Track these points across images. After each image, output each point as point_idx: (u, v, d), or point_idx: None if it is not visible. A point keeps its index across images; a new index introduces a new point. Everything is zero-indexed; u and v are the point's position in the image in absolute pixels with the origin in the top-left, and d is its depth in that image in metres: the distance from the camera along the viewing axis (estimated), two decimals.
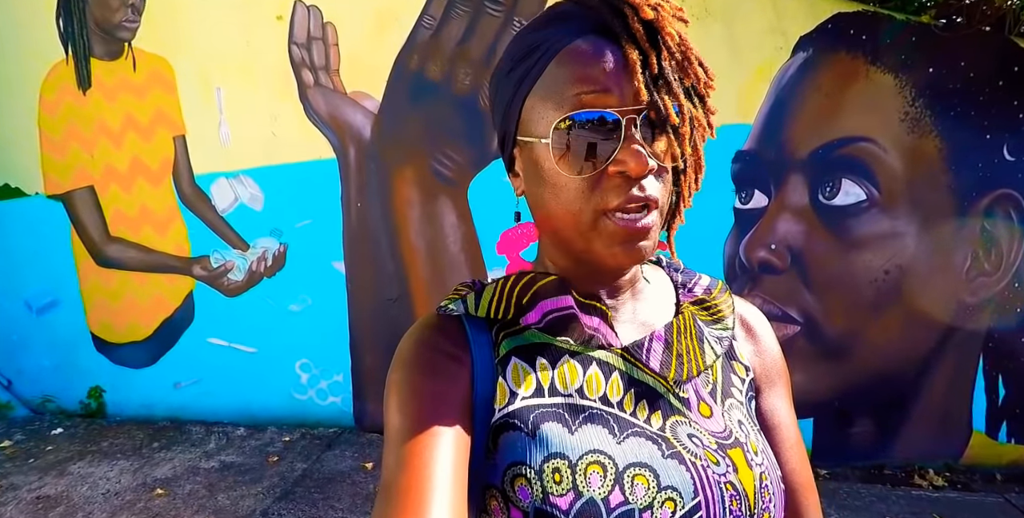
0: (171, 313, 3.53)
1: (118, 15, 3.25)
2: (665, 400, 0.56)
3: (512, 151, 0.56)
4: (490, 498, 0.52)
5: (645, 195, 0.48)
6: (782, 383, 0.66)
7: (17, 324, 3.91)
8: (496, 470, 0.52)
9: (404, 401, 0.52)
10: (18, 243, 3.79)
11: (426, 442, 0.48)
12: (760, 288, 2.86)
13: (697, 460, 0.52)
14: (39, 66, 3.51)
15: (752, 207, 2.83)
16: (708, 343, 0.60)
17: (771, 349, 0.67)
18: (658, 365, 0.57)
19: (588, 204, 0.49)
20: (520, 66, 0.51)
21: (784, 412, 0.64)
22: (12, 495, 2.78)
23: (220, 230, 3.35)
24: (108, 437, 3.39)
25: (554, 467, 0.50)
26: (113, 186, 3.48)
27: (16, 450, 3.28)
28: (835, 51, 2.59)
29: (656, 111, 0.47)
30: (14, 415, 3.85)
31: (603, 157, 0.48)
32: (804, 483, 0.61)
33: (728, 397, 0.59)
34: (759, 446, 0.57)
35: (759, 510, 0.53)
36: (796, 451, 0.62)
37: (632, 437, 0.53)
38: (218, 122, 3.20)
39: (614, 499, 0.49)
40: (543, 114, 0.50)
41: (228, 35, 3.10)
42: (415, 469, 0.47)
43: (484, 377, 0.55)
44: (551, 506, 0.48)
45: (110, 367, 3.71)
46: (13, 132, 3.66)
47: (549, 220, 0.54)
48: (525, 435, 0.52)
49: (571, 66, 0.48)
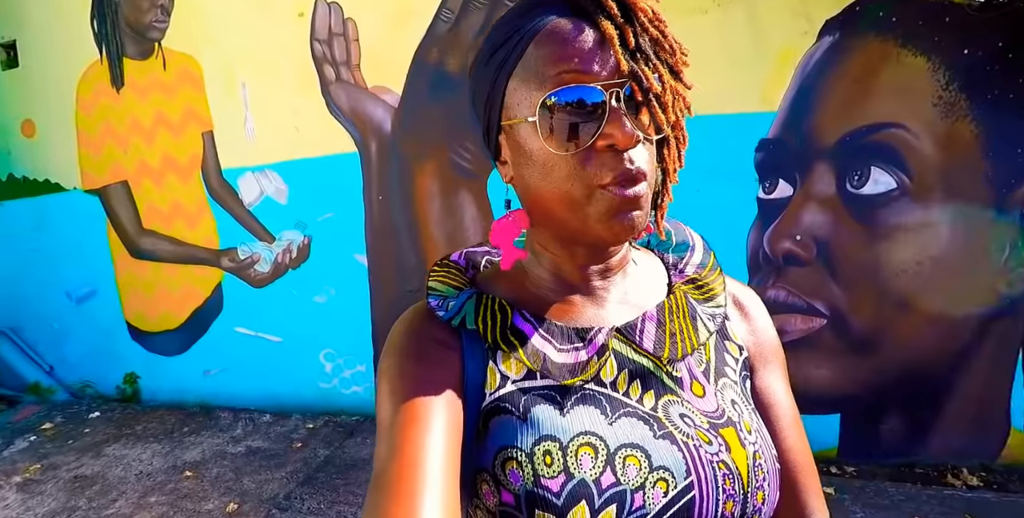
0: (201, 303, 3.65)
1: (148, 16, 3.37)
2: (658, 380, 0.56)
3: (497, 138, 0.56)
4: (481, 482, 0.52)
5: (634, 167, 0.48)
6: (777, 362, 0.65)
7: (58, 313, 4.11)
8: (487, 454, 0.52)
9: (395, 389, 0.52)
10: (58, 236, 3.99)
11: (417, 430, 0.48)
12: (784, 280, 2.79)
13: (689, 440, 0.52)
14: (76, 66, 3.68)
15: (776, 197, 2.75)
16: (701, 321, 0.60)
17: (765, 328, 0.66)
18: (651, 345, 0.57)
19: (579, 181, 0.49)
20: (499, 53, 0.52)
21: (780, 391, 0.63)
22: (52, 474, 2.92)
23: (247, 223, 3.44)
24: (142, 421, 3.53)
25: (545, 449, 0.50)
26: (146, 181, 3.62)
27: (56, 432, 3.46)
28: (864, 35, 2.50)
29: (637, 82, 0.48)
30: (55, 399, 4.06)
31: (590, 132, 0.48)
32: (801, 461, 0.61)
33: (721, 376, 0.59)
34: (753, 425, 0.57)
35: (752, 489, 0.53)
36: (793, 429, 0.62)
37: (624, 417, 0.53)
38: (244, 118, 3.28)
39: (606, 480, 0.49)
40: (527, 95, 0.50)
41: (252, 33, 3.17)
42: (407, 457, 0.47)
43: (475, 362, 0.55)
44: (542, 488, 0.48)
45: (144, 354, 3.86)
46: (52, 130, 3.85)
47: (540, 202, 0.54)
48: (516, 418, 0.52)
49: (550, 45, 0.48)
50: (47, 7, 3.69)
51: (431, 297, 0.60)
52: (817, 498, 0.61)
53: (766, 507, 0.54)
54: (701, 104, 2.48)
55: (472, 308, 0.58)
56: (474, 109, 0.58)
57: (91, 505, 2.60)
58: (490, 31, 0.55)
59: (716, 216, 2.59)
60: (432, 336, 0.56)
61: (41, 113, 3.88)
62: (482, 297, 0.59)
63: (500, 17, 0.54)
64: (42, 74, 3.81)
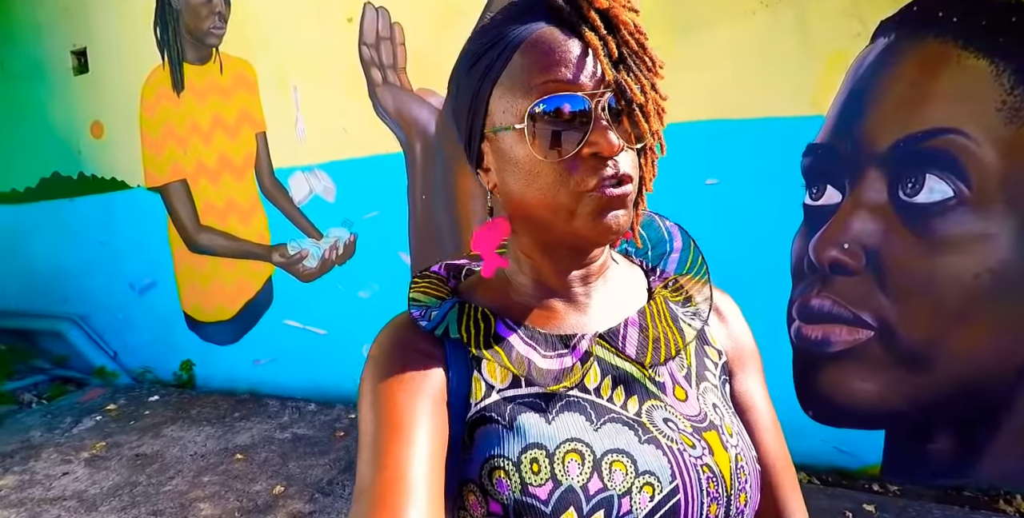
0: (253, 296, 3.79)
1: (207, 23, 3.50)
2: (641, 385, 0.56)
3: (480, 146, 0.56)
4: (468, 493, 0.51)
5: (619, 171, 0.49)
6: (754, 365, 0.66)
7: (122, 303, 4.35)
8: (473, 464, 0.51)
9: (377, 401, 0.52)
10: (123, 231, 4.21)
11: (401, 442, 0.48)
12: (830, 289, 2.70)
13: (673, 444, 0.53)
14: (140, 71, 3.86)
15: (823, 203, 2.66)
16: (683, 322, 0.61)
17: (741, 332, 0.67)
18: (634, 351, 0.57)
19: (566, 187, 0.49)
20: (482, 61, 0.52)
21: (758, 394, 0.64)
22: (116, 451, 3.13)
23: (297, 220, 3.54)
24: (196, 406, 3.72)
25: (532, 457, 0.50)
26: (203, 180, 3.78)
27: (120, 413, 3.68)
28: (921, 36, 2.38)
29: (621, 91, 0.49)
30: (119, 382, 4.31)
31: (575, 140, 0.48)
32: (780, 462, 0.61)
33: (702, 381, 0.60)
34: (734, 428, 0.57)
35: (736, 491, 0.53)
36: (771, 432, 0.63)
37: (609, 423, 0.53)
38: (295, 119, 3.38)
39: (593, 486, 0.49)
40: (512, 103, 0.50)
41: (303, 38, 3.26)
42: (390, 471, 0.46)
43: (459, 373, 0.55)
44: (530, 496, 0.48)
45: (200, 343, 4.05)
46: (119, 131, 4.06)
47: (525, 208, 0.54)
48: (502, 427, 0.52)
49: (536, 54, 0.49)
50: (115, 16, 3.89)
51: (413, 308, 0.60)
52: (796, 498, 0.61)
53: (748, 509, 0.55)
54: (747, 107, 2.44)
55: (455, 317, 0.58)
56: (454, 117, 0.58)
57: (150, 481, 2.78)
58: (471, 39, 0.55)
59: (761, 222, 2.54)
60: (415, 347, 0.56)
61: (109, 115, 4.08)
62: (464, 306, 0.59)
63: (481, 25, 0.55)
64: (110, 79, 4.01)
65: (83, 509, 2.57)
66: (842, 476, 2.50)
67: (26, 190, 4.67)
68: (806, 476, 2.48)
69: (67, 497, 2.68)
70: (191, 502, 2.58)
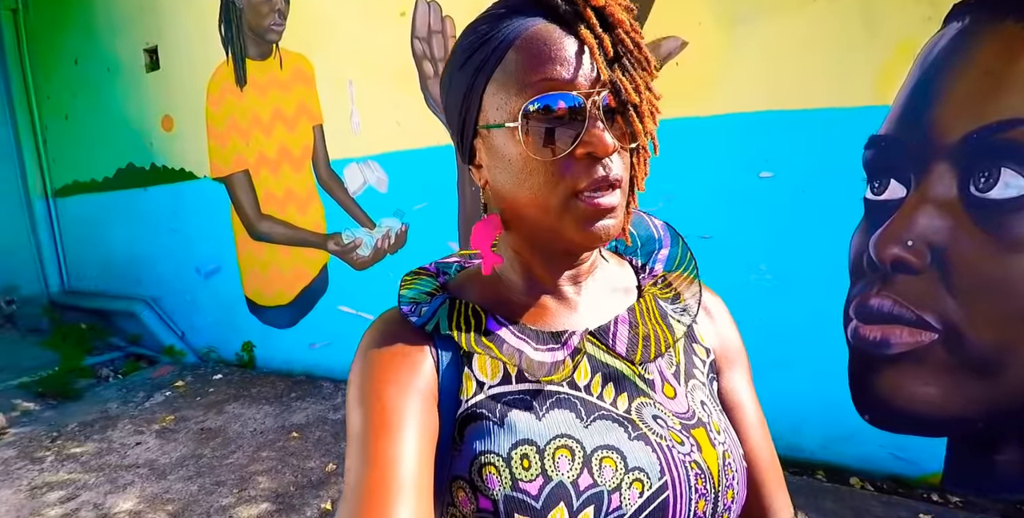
0: (309, 282, 3.91)
1: (267, 20, 3.62)
2: (631, 382, 0.57)
3: (472, 142, 0.55)
4: (457, 489, 0.51)
5: (611, 175, 0.49)
6: (741, 363, 0.66)
7: (190, 286, 4.60)
8: (463, 461, 0.51)
9: (366, 397, 0.51)
10: (190, 219, 4.43)
11: (389, 439, 0.48)
12: (891, 288, 2.57)
13: (662, 441, 0.53)
14: (206, 67, 4.03)
15: (886, 198, 2.53)
16: (672, 319, 0.61)
17: (729, 331, 0.67)
18: (624, 348, 0.57)
19: (558, 187, 0.49)
20: (475, 56, 0.51)
21: (744, 392, 0.64)
22: (183, 425, 3.34)
23: (351, 210, 3.62)
24: (256, 385, 3.91)
25: (522, 453, 0.50)
26: (264, 170, 3.93)
27: (187, 389, 3.92)
28: (999, 20, 2.22)
29: (616, 91, 0.48)
30: (186, 361, 4.56)
31: (569, 139, 0.48)
32: (766, 459, 0.61)
33: (691, 378, 0.60)
34: (721, 425, 0.58)
35: (723, 487, 0.54)
36: (758, 429, 0.63)
37: (599, 420, 0.53)
38: (350, 112, 3.46)
39: (583, 482, 0.49)
40: (506, 100, 0.49)
41: (358, 33, 3.33)
42: (378, 468, 0.46)
43: (449, 369, 0.55)
44: (521, 492, 0.48)
45: (260, 326, 4.23)
46: (187, 125, 4.26)
47: (515, 207, 0.53)
48: (492, 424, 0.52)
49: (531, 51, 0.48)
50: (184, 15, 4.07)
51: (403, 303, 0.59)
52: (782, 495, 0.62)
53: (735, 505, 0.55)
54: (805, 98, 2.35)
55: (445, 313, 0.57)
56: (446, 112, 0.57)
57: (214, 454, 2.95)
58: (465, 33, 0.53)
59: (817, 217, 2.44)
60: (404, 343, 0.55)
61: (177, 110, 4.29)
62: (455, 302, 0.59)
63: (475, 20, 0.53)
64: (179, 75, 4.21)
65: (154, 476, 2.76)
66: (899, 484, 2.40)
67: (104, 180, 4.99)
68: (859, 481, 2.39)
69: (140, 465, 2.88)
70: (250, 475, 2.73)
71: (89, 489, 2.68)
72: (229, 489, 2.61)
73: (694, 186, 2.57)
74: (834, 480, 2.40)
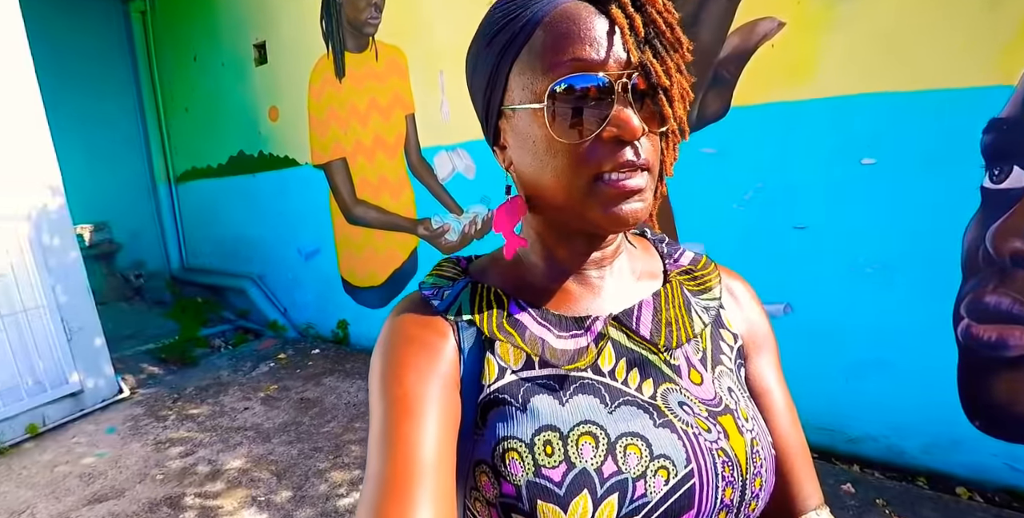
0: (400, 265, 4.08)
1: (364, 14, 3.76)
2: (656, 368, 0.55)
3: (497, 123, 0.54)
4: (480, 474, 0.50)
5: (638, 158, 0.47)
6: (769, 349, 0.64)
7: (291, 266, 4.91)
8: (486, 446, 0.50)
9: (388, 381, 0.50)
10: (293, 202, 4.72)
11: (411, 424, 0.47)
12: (1009, 285, 2.36)
13: (688, 428, 0.52)
14: (309, 60, 4.24)
15: (1008, 187, 2.31)
16: (696, 312, 0.59)
17: (757, 316, 0.65)
18: (648, 333, 0.56)
19: (582, 169, 0.47)
20: (502, 35, 0.49)
21: (772, 378, 0.62)
22: (285, 394, 3.61)
23: (440, 196, 3.73)
24: (350, 361, 4.15)
25: (545, 439, 0.49)
26: (360, 158, 4.11)
27: (288, 362, 4.22)
28: None
29: (646, 73, 0.46)
30: (287, 335, 4.89)
31: (596, 122, 0.46)
32: (795, 446, 0.60)
33: (718, 364, 0.58)
34: (749, 413, 0.56)
35: (751, 475, 0.52)
36: (787, 415, 0.61)
37: (623, 406, 0.52)
38: (440, 102, 3.55)
39: (607, 469, 0.48)
40: (532, 80, 0.48)
41: (449, 23, 3.40)
42: (401, 453, 0.46)
43: (471, 354, 0.54)
44: (544, 478, 0.48)
45: (354, 306, 4.45)
46: (290, 115, 4.52)
47: (539, 189, 0.52)
48: (515, 409, 0.51)
49: (559, 31, 0.46)
50: (289, 11, 4.30)
51: (425, 288, 0.59)
52: (812, 482, 0.60)
53: (763, 493, 0.54)
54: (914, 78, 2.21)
55: (467, 297, 0.57)
56: (471, 92, 0.56)
57: (312, 422, 3.19)
58: (491, 10, 0.52)
59: (926, 207, 2.28)
60: (426, 328, 0.54)
61: (283, 101, 4.56)
62: (477, 286, 0.58)
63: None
64: (284, 68, 4.47)
65: (260, 439, 3.03)
66: (1013, 497, 2.22)
67: (218, 166, 5.42)
68: (966, 491, 2.23)
69: (247, 428, 3.17)
70: (344, 443, 2.94)
71: (204, 446, 2.98)
72: (325, 455, 2.83)
73: (788, 174, 2.47)
74: (937, 488, 2.26)
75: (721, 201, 2.65)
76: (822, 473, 0.46)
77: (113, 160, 5.89)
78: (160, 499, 2.50)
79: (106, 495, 2.56)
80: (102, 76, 5.79)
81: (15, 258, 3.17)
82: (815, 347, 2.49)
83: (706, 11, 2.58)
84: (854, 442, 2.51)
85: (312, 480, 2.61)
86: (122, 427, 3.27)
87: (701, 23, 2.59)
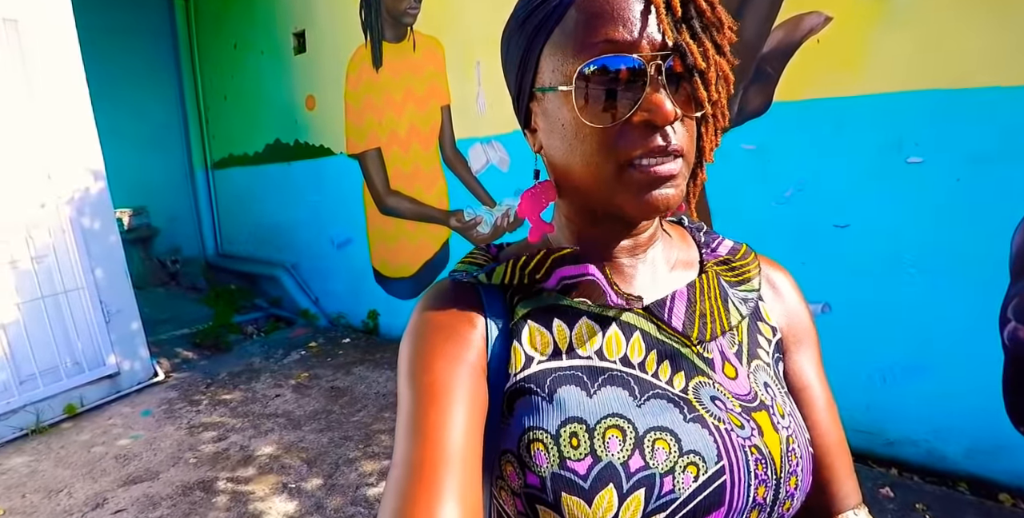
0: (431, 256, 4.09)
1: (404, 4, 3.75)
2: (688, 361, 0.54)
3: (528, 105, 0.53)
4: (506, 463, 0.50)
5: (670, 143, 0.45)
6: (810, 343, 0.62)
7: (324, 255, 4.96)
8: (512, 435, 0.50)
9: (417, 369, 0.50)
10: (328, 192, 4.76)
11: (439, 411, 0.47)
12: None
13: (720, 424, 0.50)
14: (347, 50, 4.25)
15: None
16: (733, 304, 0.57)
17: (798, 309, 0.62)
18: (680, 324, 0.54)
19: (612, 154, 0.46)
20: (535, 15, 0.48)
21: (812, 373, 0.60)
22: (316, 382, 3.66)
23: (473, 188, 3.72)
24: (380, 351, 4.18)
25: (571, 431, 0.48)
26: (395, 148, 4.11)
27: (319, 350, 4.27)
28: None
29: (681, 55, 0.44)
30: (318, 324, 4.95)
31: (627, 105, 0.45)
32: (835, 445, 0.58)
33: (754, 358, 0.57)
34: (786, 409, 0.54)
35: (786, 474, 0.51)
36: (826, 413, 0.59)
37: (653, 399, 0.51)
38: (476, 93, 3.53)
39: (634, 463, 0.47)
40: (563, 61, 0.46)
41: (486, 14, 3.36)
42: (428, 440, 0.46)
43: (499, 342, 0.53)
44: (569, 471, 0.47)
45: (384, 296, 4.48)
46: (327, 104, 4.54)
47: (569, 174, 0.50)
48: (542, 399, 0.50)
49: (592, 10, 0.45)
50: (329, 0, 4.31)
51: (455, 274, 0.58)
52: (851, 482, 0.58)
53: (799, 492, 0.52)
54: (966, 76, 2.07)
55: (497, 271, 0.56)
56: (505, 74, 0.55)
57: (342, 411, 3.22)
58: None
59: (973, 207, 2.16)
60: (455, 314, 0.54)
61: (320, 90, 4.58)
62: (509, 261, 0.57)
63: None
64: (322, 57, 4.48)
65: (290, 426, 3.06)
66: None
67: (255, 154, 5.49)
68: (1010, 498, 2.16)
69: (279, 415, 3.21)
70: (374, 432, 2.96)
71: (236, 432, 3.02)
72: (355, 444, 2.84)
73: (830, 172, 2.38)
74: (979, 494, 2.20)
75: (760, 198, 2.58)
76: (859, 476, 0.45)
77: (153, 146, 6.02)
78: (193, 483, 2.54)
79: (141, 477, 2.61)
80: (145, 63, 5.91)
81: (57, 240, 3.25)
82: (853, 347, 2.43)
83: (750, 4, 2.49)
84: (892, 445, 2.44)
85: (342, 468, 2.62)
86: (157, 410, 3.34)
87: (745, 17, 2.51)
